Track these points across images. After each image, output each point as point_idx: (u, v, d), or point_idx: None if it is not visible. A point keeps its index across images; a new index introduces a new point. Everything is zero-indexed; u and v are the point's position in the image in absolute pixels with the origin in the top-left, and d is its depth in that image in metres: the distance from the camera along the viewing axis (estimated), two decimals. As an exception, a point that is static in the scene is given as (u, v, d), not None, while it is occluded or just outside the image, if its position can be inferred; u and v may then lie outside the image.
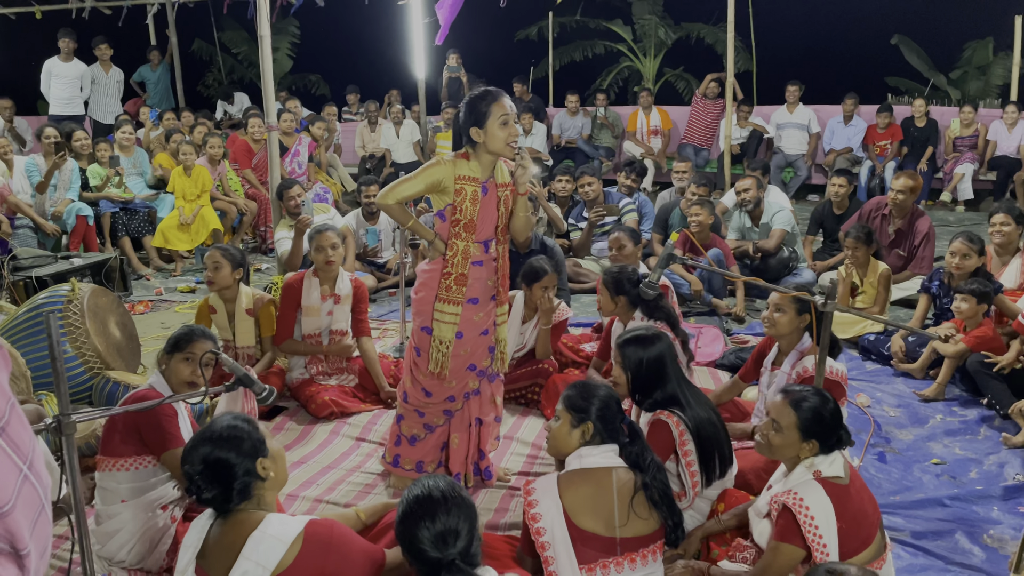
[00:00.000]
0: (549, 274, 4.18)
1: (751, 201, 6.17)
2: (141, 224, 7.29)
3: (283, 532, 1.97)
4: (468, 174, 3.02)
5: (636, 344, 2.92)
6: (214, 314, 4.20)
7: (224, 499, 2.04)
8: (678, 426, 2.80)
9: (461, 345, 3.18)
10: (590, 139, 10.33)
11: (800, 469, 2.38)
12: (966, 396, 4.21)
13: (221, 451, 2.04)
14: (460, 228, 3.05)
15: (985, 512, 3.20)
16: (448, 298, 3.12)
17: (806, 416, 2.39)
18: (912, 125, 9.18)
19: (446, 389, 3.24)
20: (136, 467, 2.69)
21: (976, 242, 4.60)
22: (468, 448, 3.36)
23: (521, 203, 3.12)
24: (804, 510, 2.26)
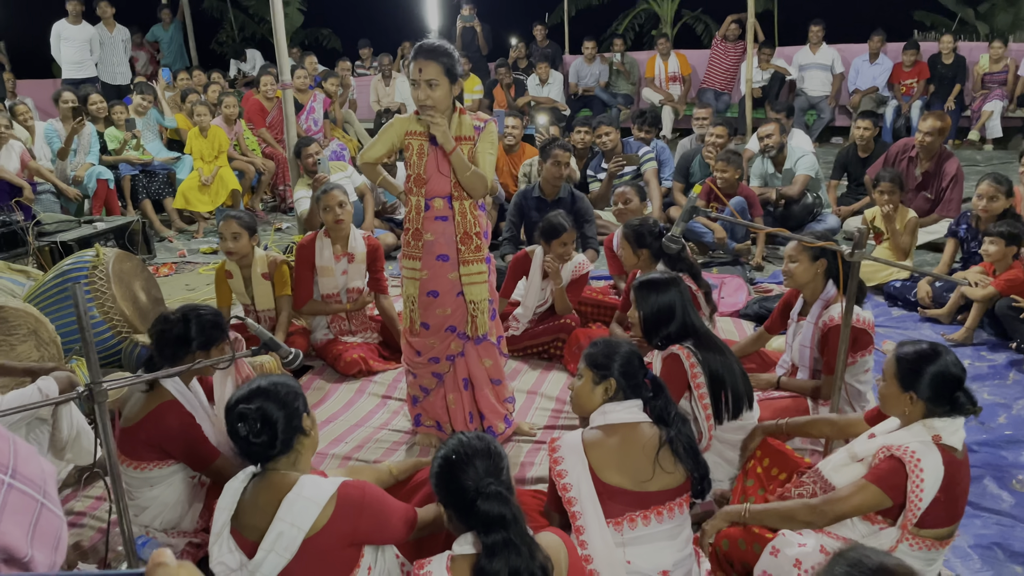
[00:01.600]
0: (568, 231, 4.15)
1: (774, 147, 6.06)
2: (161, 186, 7.31)
3: (317, 494, 2.00)
4: (417, 129, 3.08)
5: (650, 287, 2.94)
6: (231, 279, 4.22)
7: (269, 446, 2.06)
8: (689, 358, 2.80)
9: (437, 303, 3.19)
10: (608, 87, 10.15)
11: (918, 427, 2.26)
12: (995, 340, 4.17)
13: (271, 401, 2.07)
14: (411, 183, 3.10)
15: (1014, 457, 3.19)
16: (408, 253, 3.17)
17: (903, 366, 2.29)
18: (939, 62, 8.92)
19: (429, 347, 3.26)
20: (161, 467, 2.68)
21: (1004, 183, 4.49)
22: (464, 409, 3.38)
23: (456, 161, 3.01)
24: (918, 469, 2.18)
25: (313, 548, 1.98)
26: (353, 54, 11.38)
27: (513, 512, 1.83)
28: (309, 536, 1.97)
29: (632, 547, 2.27)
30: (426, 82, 2.93)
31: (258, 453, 2.09)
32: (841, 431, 2.75)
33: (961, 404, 2.24)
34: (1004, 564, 2.62)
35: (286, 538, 1.97)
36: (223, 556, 2.04)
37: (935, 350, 2.29)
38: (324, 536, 1.99)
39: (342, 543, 2.02)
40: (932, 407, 2.25)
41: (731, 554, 2.46)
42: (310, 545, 1.98)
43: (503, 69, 9.84)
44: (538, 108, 9.19)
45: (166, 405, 2.63)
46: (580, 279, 4.34)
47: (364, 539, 2.06)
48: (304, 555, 1.97)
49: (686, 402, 2.88)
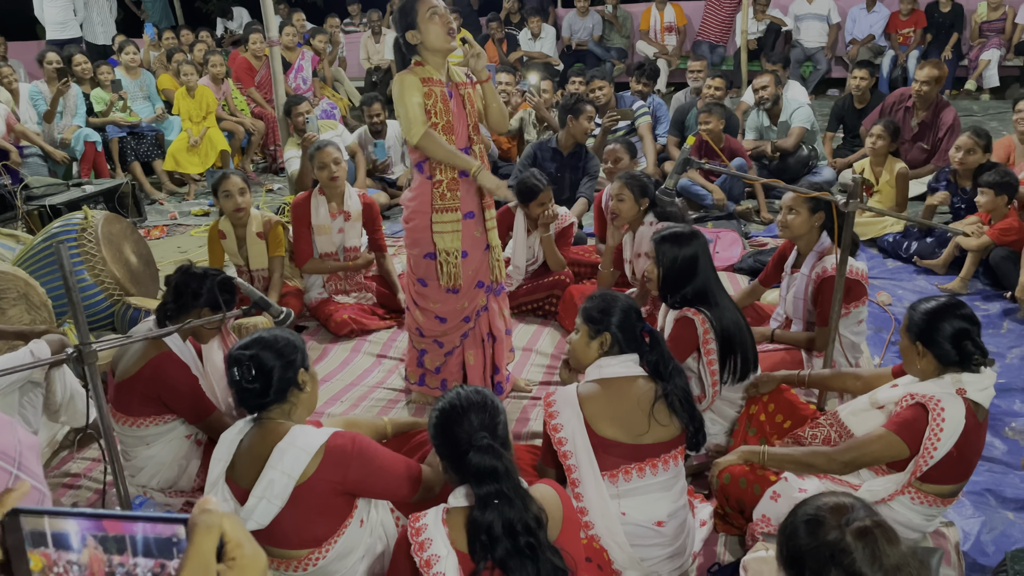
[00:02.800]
0: (544, 190, 4.13)
1: (769, 99, 5.99)
2: (150, 148, 7.22)
3: (307, 443, 2.02)
4: (431, 76, 2.97)
5: (672, 241, 2.88)
6: (224, 239, 4.18)
7: (261, 394, 2.08)
8: (703, 324, 2.79)
9: (468, 264, 3.15)
10: (601, 40, 10.00)
11: (946, 379, 2.23)
12: (989, 291, 4.17)
13: (268, 351, 2.08)
14: (439, 131, 2.97)
15: (1007, 405, 3.21)
16: (444, 207, 3.05)
17: (911, 316, 2.29)
18: (936, 10, 8.79)
19: (459, 311, 3.22)
20: (158, 423, 2.69)
21: (983, 136, 4.49)
22: (484, 364, 3.38)
23: (489, 91, 3.00)
24: (940, 418, 2.16)
25: (304, 496, 2.00)
26: (342, 10, 11.17)
27: (505, 465, 1.83)
28: (299, 483, 1.99)
29: (627, 499, 2.28)
30: (449, 9, 2.90)
31: (251, 400, 2.10)
32: (867, 385, 2.69)
33: (969, 354, 2.20)
34: (996, 510, 2.65)
35: (277, 485, 1.99)
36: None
37: (946, 302, 2.26)
38: (314, 484, 2.00)
39: (332, 491, 2.04)
40: (940, 357, 2.22)
41: (729, 489, 2.47)
42: (301, 492, 1.99)
43: (494, 24, 9.68)
44: (530, 65, 9.05)
45: (163, 356, 2.64)
46: (565, 231, 4.33)
47: (355, 488, 2.07)
48: (295, 502, 1.99)
49: (693, 361, 2.87)
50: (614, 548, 2.26)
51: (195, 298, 2.67)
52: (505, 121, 3.13)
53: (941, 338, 2.21)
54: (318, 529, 2.05)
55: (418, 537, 1.83)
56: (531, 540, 1.78)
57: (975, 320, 2.24)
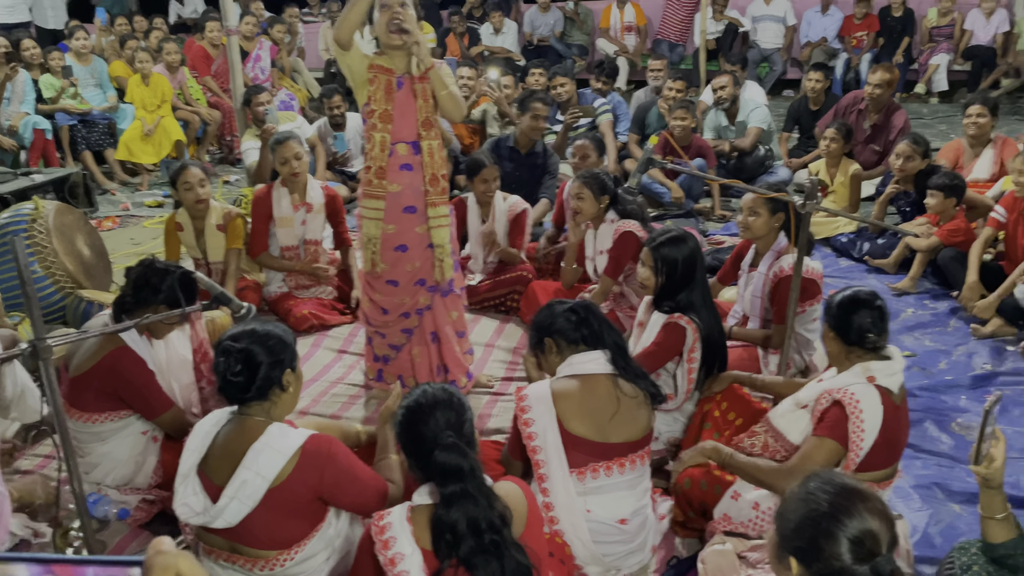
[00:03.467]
0: (488, 167, 4.17)
1: (727, 99, 6.08)
2: (101, 136, 7.04)
3: (284, 444, 2.00)
4: (383, 64, 3.00)
5: (670, 245, 2.89)
6: (181, 231, 4.10)
7: (243, 388, 2.05)
8: (695, 332, 2.83)
9: (407, 259, 3.14)
10: (562, 37, 10.03)
11: (856, 370, 2.31)
12: (937, 290, 4.29)
13: (257, 345, 2.05)
14: (375, 119, 3.00)
15: (953, 401, 3.31)
16: (370, 192, 3.08)
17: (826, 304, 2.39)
18: (889, 15, 9.00)
19: (399, 305, 3.22)
20: (113, 419, 2.64)
21: (921, 143, 4.67)
22: (430, 362, 3.37)
23: (436, 78, 2.98)
24: (857, 411, 2.23)
25: (276, 498, 1.98)
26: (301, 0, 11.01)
27: (471, 464, 1.84)
28: (273, 486, 1.97)
29: (593, 496, 2.31)
30: (400, 1, 2.88)
31: (232, 392, 2.07)
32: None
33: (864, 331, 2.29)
34: (943, 503, 2.74)
35: (250, 486, 1.96)
36: (187, 497, 2.03)
37: (854, 288, 2.38)
38: (288, 487, 1.99)
39: (306, 496, 2.02)
40: (842, 337, 2.32)
41: (691, 493, 2.52)
42: (273, 495, 1.98)
43: (456, 17, 9.63)
44: (491, 59, 9.04)
45: (120, 350, 2.58)
46: (518, 219, 4.34)
47: (329, 494, 2.06)
48: (267, 504, 1.97)
49: (672, 364, 2.90)
50: (577, 544, 2.29)
51: (154, 293, 2.62)
52: (458, 110, 3.08)
53: (840, 316, 2.33)
54: (289, 531, 2.03)
55: (382, 535, 1.83)
56: (495, 538, 1.79)
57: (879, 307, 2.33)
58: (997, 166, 4.90)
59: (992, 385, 3.41)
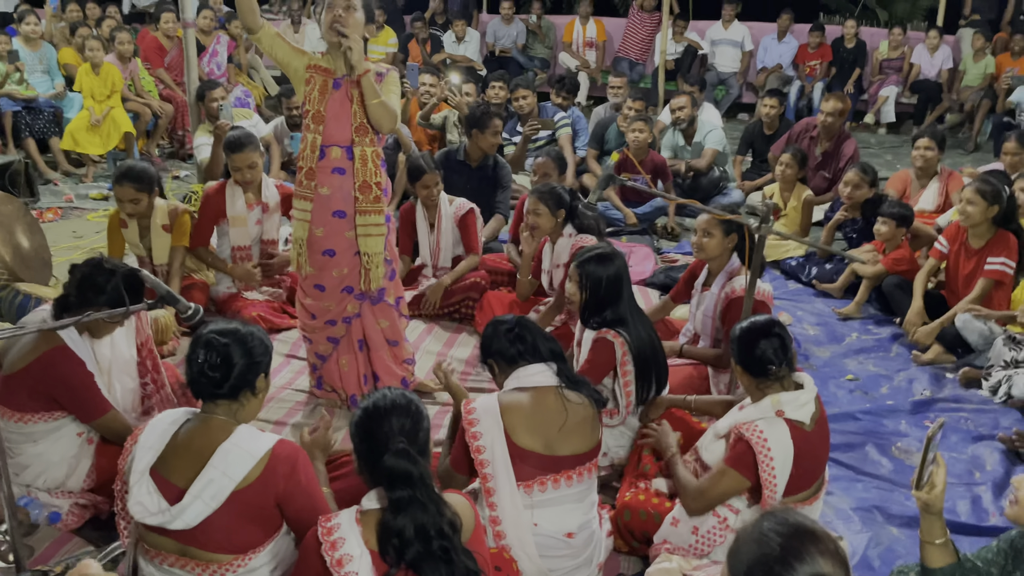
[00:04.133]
0: (429, 173, 4.16)
1: (685, 120, 6.17)
2: (47, 125, 6.80)
3: (254, 446, 1.98)
4: (321, 64, 2.98)
5: (597, 262, 2.91)
6: (125, 228, 3.97)
7: (217, 384, 2.03)
8: (622, 346, 2.84)
9: (334, 264, 3.10)
10: (525, 49, 10.07)
11: (765, 403, 2.34)
12: (881, 316, 4.40)
13: (240, 345, 2.05)
14: (309, 119, 2.98)
15: (894, 425, 3.39)
16: (300, 193, 3.06)
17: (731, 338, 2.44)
18: (842, 46, 9.26)
19: (324, 311, 3.18)
20: (47, 420, 2.53)
21: (869, 173, 4.81)
22: (358, 371, 3.32)
23: (366, 86, 2.91)
24: (764, 447, 2.26)
25: (239, 501, 1.94)
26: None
27: (420, 471, 1.83)
28: (238, 488, 1.94)
29: (540, 509, 2.30)
30: (345, 3, 2.84)
31: (204, 388, 2.04)
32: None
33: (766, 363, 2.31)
34: (883, 526, 2.80)
35: (215, 486, 1.93)
36: (141, 496, 1.96)
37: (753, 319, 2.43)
38: (253, 490, 1.95)
39: (269, 501, 1.99)
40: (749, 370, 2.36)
41: (632, 524, 2.55)
42: (237, 497, 1.94)
43: (419, 23, 9.60)
44: (452, 66, 9.02)
45: (58, 350, 2.48)
46: (465, 220, 4.31)
47: (288, 502, 2.01)
48: (229, 507, 1.93)
49: (608, 380, 2.91)
50: (524, 559, 2.27)
51: (98, 293, 2.53)
52: (388, 121, 2.96)
53: (745, 349, 2.36)
54: (246, 537, 1.99)
55: (330, 536, 1.82)
56: (444, 543, 1.79)
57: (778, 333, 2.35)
58: (942, 198, 5.06)
59: (931, 411, 3.50)
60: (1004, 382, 3.51)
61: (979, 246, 3.96)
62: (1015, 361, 3.55)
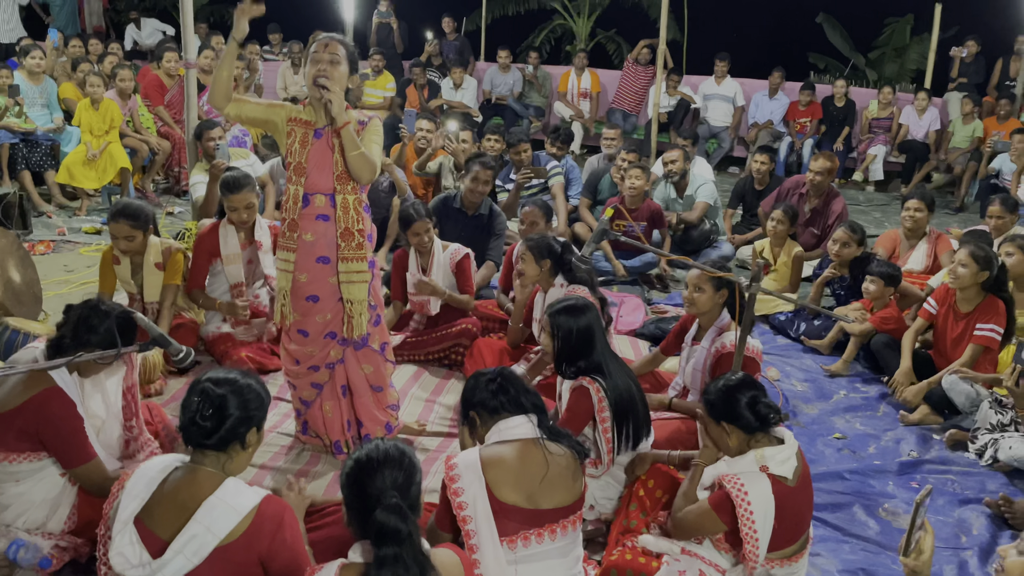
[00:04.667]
0: (420, 221, 4.20)
1: (677, 173, 6.26)
2: (43, 158, 6.83)
3: (239, 502, 1.96)
4: (302, 117, 3.01)
5: (567, 314, 2.96)
6: (118, 265, 3.97)
7: (206, 434, 2.02)
8: (598, 393, 2.85)
9: (318, 310, 3.09)
10: (520, 97, 10.23)
11: (749, 458, 2.38)
12: (868, 374, 4.42)
13: (235, 396, 2.05)
14: (291, 171, 3.00)
15: (881, 486, 3.39)
16: (283, 244, 3.06)
17: (707, 401, 2.49)
18: (831, 104, 9.44)
19: (308, 356, 3.17)
20: (32, 460, 2.51)
21: (857, 231, 4.86)
22: (342, 417, 3.30)
23: (346, 138, 2.91)
24: (745, 502, 2.29)
25: (222, 558, 1.91)
26: (261, 37, 10.99)
27: (410, 529, 1.81)
28: (222, 544, 1.91)
29: (524, 564, 2.28)
30: (330, 57, 2.89)
31: (195, 435, 2.03)
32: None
33: (765, 415, 2.40)
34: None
35: (198, 542, 1.90)
36: (123, 547, 1.93)
37: (726, 377, 2.51)
38: (236, 547, 1.93)
39: (252, 559, 1.96)
40: (745, 427, 2.40)
41: None
42: (220, 554, 1.91)
43: (417, 69, 9.75)
44: (449, 113, 9.15)
45: (50, 391, 2.46)
46: (461, 265, 4.34)
47: (272, 560, 1.99)
48: (211, 563, 1.91)
49: (588, 429, 2.92)
50: (508, 615, 2.24)
51: (91, 333, 2.52)
52: (367, 172, 2.95)
53: (740, 409, 2.40)
54: None
55: None
56: None
57: (759, 385, 2.48)
58: (931, 259, 5.13)
59: (918, 472, 3.50)
60: (990, 445, 3.53)
61: (967, 310, 4.01)
62: (1001, 424, 3.56)
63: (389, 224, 5.90)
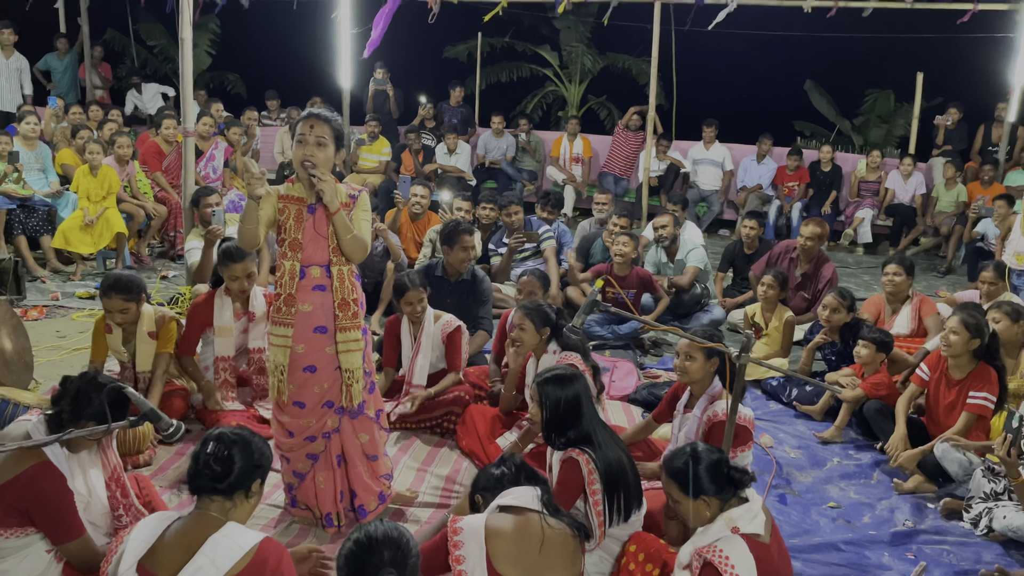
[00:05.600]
0: (413, 290, 4.25)
1: (667, 238, 6.33)
2: (40, 223, 6.88)
3: (243, 540, 2.07)
4: (292, 194, 3.04)
5: (555, 383, 2.98)
6: (110, 334, 3.98)
7: (216, 479, 2.14)
8: (588, 464, 2.85)
9: (315, 380, 3.10)
10: (514, 161, 10.40)
11: (719, 523, 2.41)
12: (861, 441, 4.41)
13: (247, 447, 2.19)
14: (286, 247, 3.02)
15: (876, 557, 3.36)
16: (279, 320, 3.05)
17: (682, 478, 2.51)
18: (818, 169, 9.63)
19: (304, 428, 3.15)
20: (18, 535, 2.48)
21: (847, 297, 4.91)
22: (335, 487, 3.27)
23: (338, 223, 2.98)
24: (728, 566, 2.30)
25: None
26: (259, 102, 11.20)
27: None
28: None
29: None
30: (316, 139, 2.95)
31: (205, 481, 2.15)
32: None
33: (738, 478, 2.49)
34: (866, 666, 2.73)
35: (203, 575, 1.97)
36: None
37: (692, 449, 2.57)
38: None
39: None
40: (722, 495, 2.48)
41: None
42: None
43: (412, 135, 9.93)
44: (443, 180, 9.29)
45: (41, 466, 2.44)
46: (452, 337, 4.35)
47: None
48: None
49: (580, 502, 2.90)
50: None
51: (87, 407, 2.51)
52: (359, 254, 3.05)
53: (715, 479, 2.48)
54: None
55: None
56: None
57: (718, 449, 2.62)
58: (916, 322, 5.17)
59: (914, 543, 3.47)
60: (985, 515, 3.51)
61: (960, 377, 4.02)
62: (995, 493, 3.55)
63: (383, 289, 5.93)
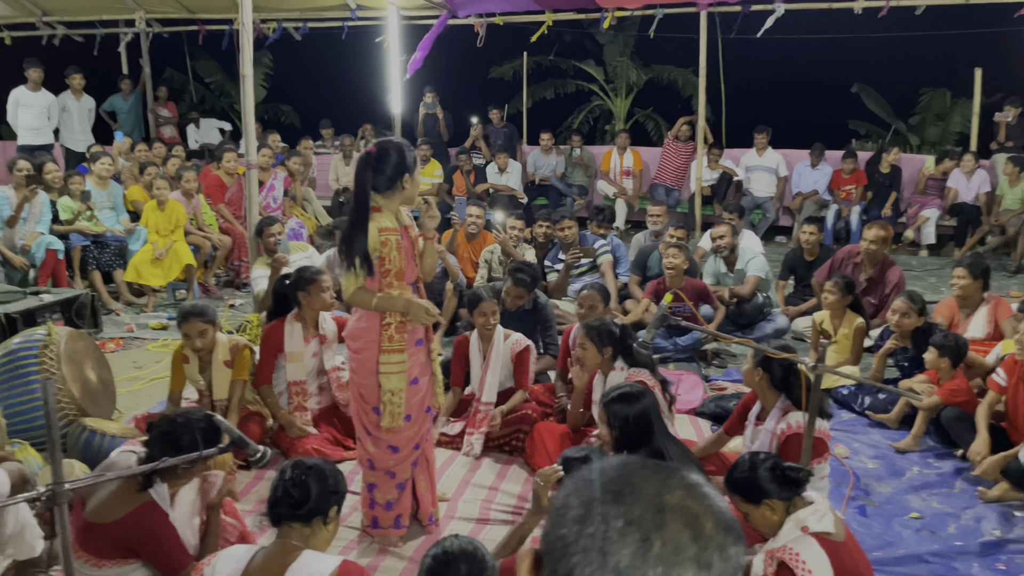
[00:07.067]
0: (486, 300, 4.33)
1: (726, 248, 6.28)
2: (112, 258, 7.15)
3: (320, 566, 2.14)
4: (387, 225, 3.08)
5: (622, 402, 2.99)
6: (187, 364, 4.12)
7: (295, 506, 2.24)
8: None
9: (417, 391, 3.23)
10: (564, 177, 10.44)
11: (788, 525, 2.39)
12: (941, 449, 4.29)
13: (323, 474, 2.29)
14: (392, 278, 3.10)
15: (965, 569, 3.26)
16: (391, 348, 3.13)
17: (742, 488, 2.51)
18: (876, 170, 9.43)
19: (411, 438, 3.25)
20: (120, 565, 2.58)
21: (917, 301, 4.78)
22: (432, 486, 3.44)
23: (429, 249, 3.24)
24: (802, 565, 2.27)
25: None
26: (312, 132, 11.49)
27: None
28: None
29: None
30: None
31: (284, 508, 2.25)
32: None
33: (796, 479, 2.46)
34: None
35: None
36: None
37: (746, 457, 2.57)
38: None
39: None
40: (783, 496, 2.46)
41: None
42: None
43: (463, 156, 10.06)
44: (496, 199, 9.37)
45: (147, 507, 2.55)
46: (521, 356, 4.38)
47: None
48: None
49: None
50: None
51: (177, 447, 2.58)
52: (431, 273, 3.33)
53: (770, 481, 2.47)
54: None
55: None
56: None
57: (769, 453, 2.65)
58: (991, 326, 5.01)
59: (1004, 552, 3.36)
60: (1078, 522, 3.38)
61: (1038, 380, 3.90)
62: (1087, 499, 3.43)
63: (443, 308, 6.01)
